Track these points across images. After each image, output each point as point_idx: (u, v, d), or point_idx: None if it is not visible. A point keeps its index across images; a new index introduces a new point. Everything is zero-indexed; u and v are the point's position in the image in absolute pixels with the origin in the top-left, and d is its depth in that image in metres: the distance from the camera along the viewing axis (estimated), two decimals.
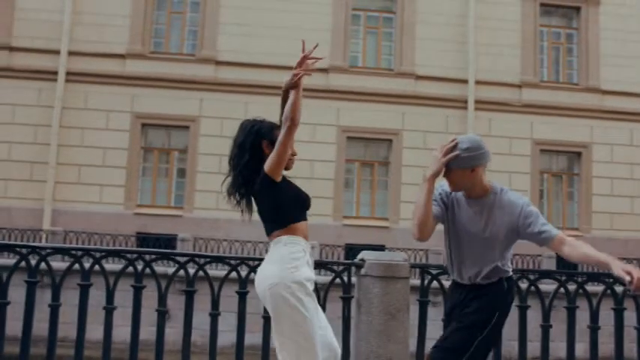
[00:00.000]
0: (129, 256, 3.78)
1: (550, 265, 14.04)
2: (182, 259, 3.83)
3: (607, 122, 16.23)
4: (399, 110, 15.93)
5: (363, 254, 3.95)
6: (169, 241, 14.16)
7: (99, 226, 14.49)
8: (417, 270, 4.11)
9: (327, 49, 15.96)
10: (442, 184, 3.13)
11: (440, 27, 16.11)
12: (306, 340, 2.85)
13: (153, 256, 3.81)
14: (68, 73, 15.12)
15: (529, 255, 14.31)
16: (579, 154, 16.38)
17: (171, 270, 3.86)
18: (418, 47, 16.10)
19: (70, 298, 4.26)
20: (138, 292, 3.78)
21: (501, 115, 16.11)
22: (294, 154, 3.07)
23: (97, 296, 3.87)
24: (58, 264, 4.80)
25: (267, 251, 3.10)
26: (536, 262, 14.43)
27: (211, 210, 15.14)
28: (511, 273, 3.11)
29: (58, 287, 3.74)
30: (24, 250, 3.74)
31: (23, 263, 3.72)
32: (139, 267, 3.76)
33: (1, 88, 15.02)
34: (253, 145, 3.02)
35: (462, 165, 2.92)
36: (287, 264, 2.89)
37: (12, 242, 5.61)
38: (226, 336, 4.73)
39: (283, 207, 2.98)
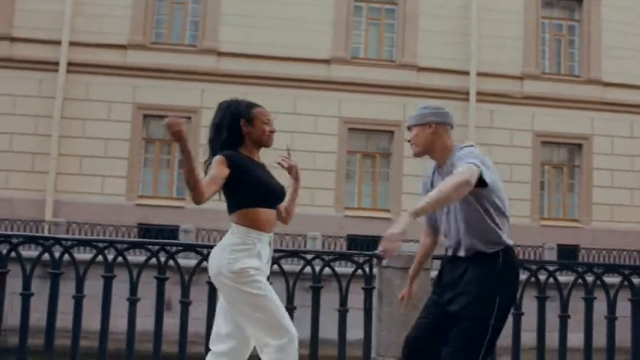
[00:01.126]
0: (151, 247, 3.81)
1: (552, 255, 14.12)
2: (205, 251, 3.85)
3: (608, 114, 16.27)
4: (401, 102, 15.91)
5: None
6: (172, 232, 14.16)
7: (100, 217, 14.47)
8: (439, 261, 4.14)
9: (329, 40, 15.97)
10: (423, 179, 3.05)
11: (442, 19, 16.09)
12: (272, 316, 2.82)
13: (175, 248, 3.83)
14: (69, 64, 15.04)
15: (530, 246, 14.39)
16: (580, 145, 16.44)
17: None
18: (420, 39, 16.09)
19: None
20: (161, 283, 3.81)
21: (503, 107, 16.13)
22: (272, 131, 3.07)
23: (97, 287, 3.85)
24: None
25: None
26: (537, 252, 14.52)
27: (213, 201, 15.04)
28: (508, 243, 2.81)
29: (82, 279, 3.76)
30: (47, 242, 3.76)
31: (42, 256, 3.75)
32: (162, 259, 3.79)
33: (2, 78, 14.94)
34: (231, 124, 3.02)
35: (419, 121, 2.93)
36: (227, 254, 2.89)
37: (36, 234, 5.64)
38: None
39: (239, 189, 2.96)
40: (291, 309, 3.86)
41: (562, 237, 15.41)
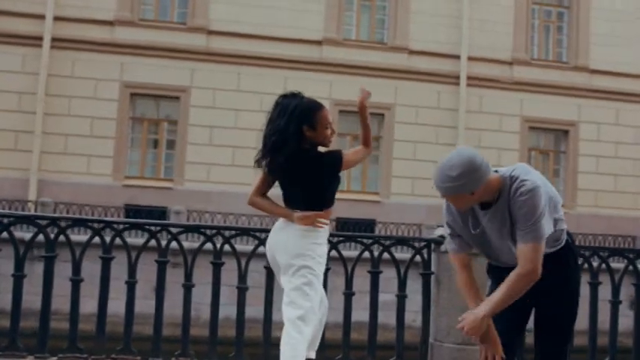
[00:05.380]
0: (208, 232, 3.70)
1: None
2: (261, 235, 3.77)
3: (594, 101, 16.51)
4: (392, 85, 15.86)
5: (442, 231, 3.94)
6: (162, 213, 13.94)
7: (86, 197, 14.14)
8: None
9: (321, 21, 15.79)
10: (444, 209, 2.75)
11: (434, 1, 16.04)
12: (307, 300, 2.98)
13: (232, 232, 3.73)
14: (54, 39, 14.55)
15: None
16: (566, 132, 16.66)
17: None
18: (412, 21, 16.02)
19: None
20: (217, 268, 3.71)
21: (492, 91, 16.22)
22: (333, 132, 3.20)
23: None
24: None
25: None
26: None
27: (202, 182, 14.97)
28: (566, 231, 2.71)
29: (135, 265, 3.63)
30: (97, 225, 3.63)
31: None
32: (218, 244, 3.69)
33: None
34: (295, 130, 3.08)
35: (458, 192, 2.46)
36: (310, 239, 3.08)
37: (85, 217, 5.46)
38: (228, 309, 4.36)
39: (330, 193, 3.23)
40: (349, 294, 3.81)
41: None
